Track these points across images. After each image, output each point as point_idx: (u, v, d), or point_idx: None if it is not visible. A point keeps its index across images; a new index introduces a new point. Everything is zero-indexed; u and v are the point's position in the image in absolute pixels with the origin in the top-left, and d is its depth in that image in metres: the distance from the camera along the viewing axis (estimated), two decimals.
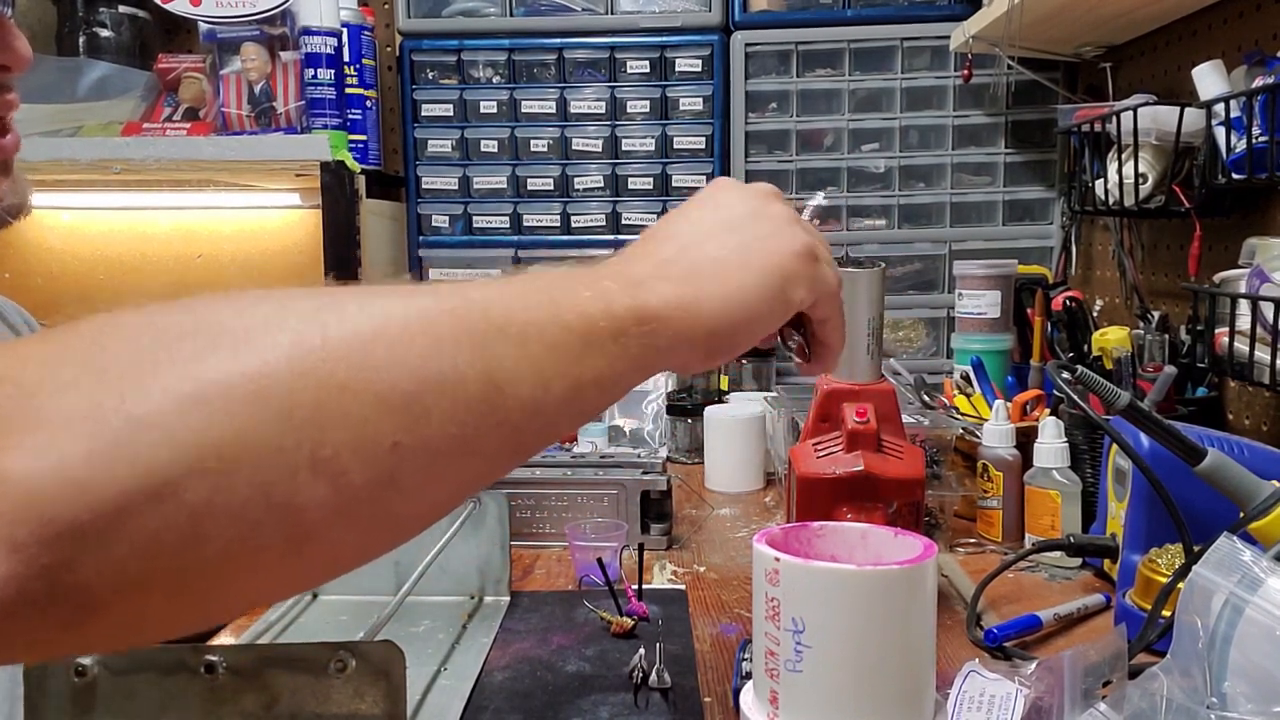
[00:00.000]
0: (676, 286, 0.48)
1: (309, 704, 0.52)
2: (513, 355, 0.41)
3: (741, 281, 0.51)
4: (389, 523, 0.39)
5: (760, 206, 0.55)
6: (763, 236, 0.53)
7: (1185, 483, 0.74)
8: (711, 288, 0.50)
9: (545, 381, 0.42)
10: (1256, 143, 0.98)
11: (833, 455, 0.84)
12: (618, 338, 0.45)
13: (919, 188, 1.78)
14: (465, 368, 0.39)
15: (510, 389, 0.40)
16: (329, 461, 0.35)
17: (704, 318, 0.49)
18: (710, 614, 0.91)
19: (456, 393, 0.39)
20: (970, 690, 0.60)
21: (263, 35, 1.69)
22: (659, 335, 0.47)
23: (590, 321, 0.44)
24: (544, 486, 1.12)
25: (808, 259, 0.53)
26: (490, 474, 0.42)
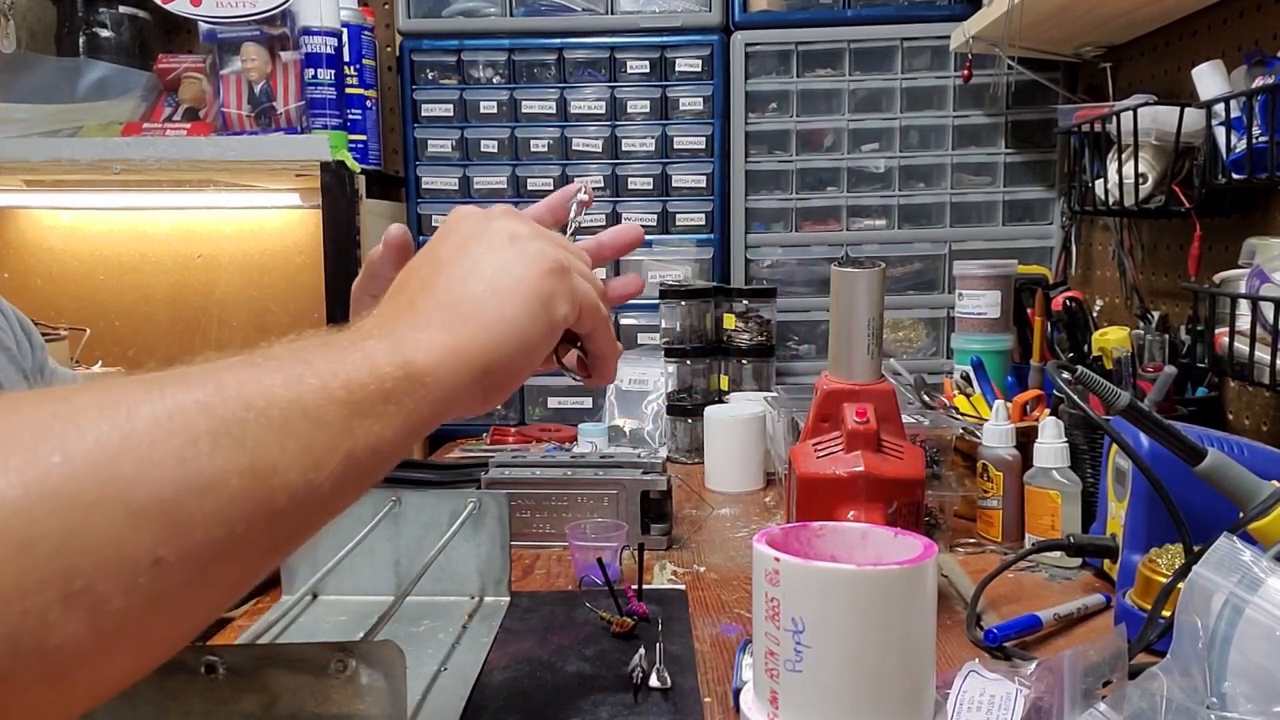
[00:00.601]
0: (439, 334, 0.47)
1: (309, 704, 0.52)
2: (276, 441, 0.38)
3: (501, 314, 0.50)
4: (156, 644, 0.35)
5: (500, 229, 0.54)
6: (509, 261, 0.52)
7: (1185, 483, 0.74)
8: (473, 328, 0.49)
9: (316, 461, 0.39)
10: (1256, 143, 0.98)
11: (833, 455, 0.84)
12: (389, 399, 0.43)
13: (919, 188, 1.78)
14: (226, 464, 0.36)
15: (279, 478, 0.38)
16: (83, 593, 0.31)
17: (473, 359, 0.48)
18: (710, 614, 0.91)
19: (220, 493, 0.35)
20: (970, 690, 0.60)
21: (263, 35, 1.69)
22: (432, 388, 0.45)
23: (358, 388, 0.42)
24: (544, 486, 1.12)
25: (558, 274, 0.53)
26: (264, 568, 0.39)
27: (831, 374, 0.87)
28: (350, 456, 0.41)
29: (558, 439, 1.64)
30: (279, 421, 0.38)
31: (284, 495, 0.38)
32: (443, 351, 0.47)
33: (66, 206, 1.97)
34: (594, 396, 1.78)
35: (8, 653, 0.30)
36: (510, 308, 0.50)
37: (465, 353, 0.48)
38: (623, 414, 1.66)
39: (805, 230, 1.80)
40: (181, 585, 0.34)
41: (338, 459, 0.40)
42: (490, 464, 1.18)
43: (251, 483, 0.37)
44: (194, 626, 0.37)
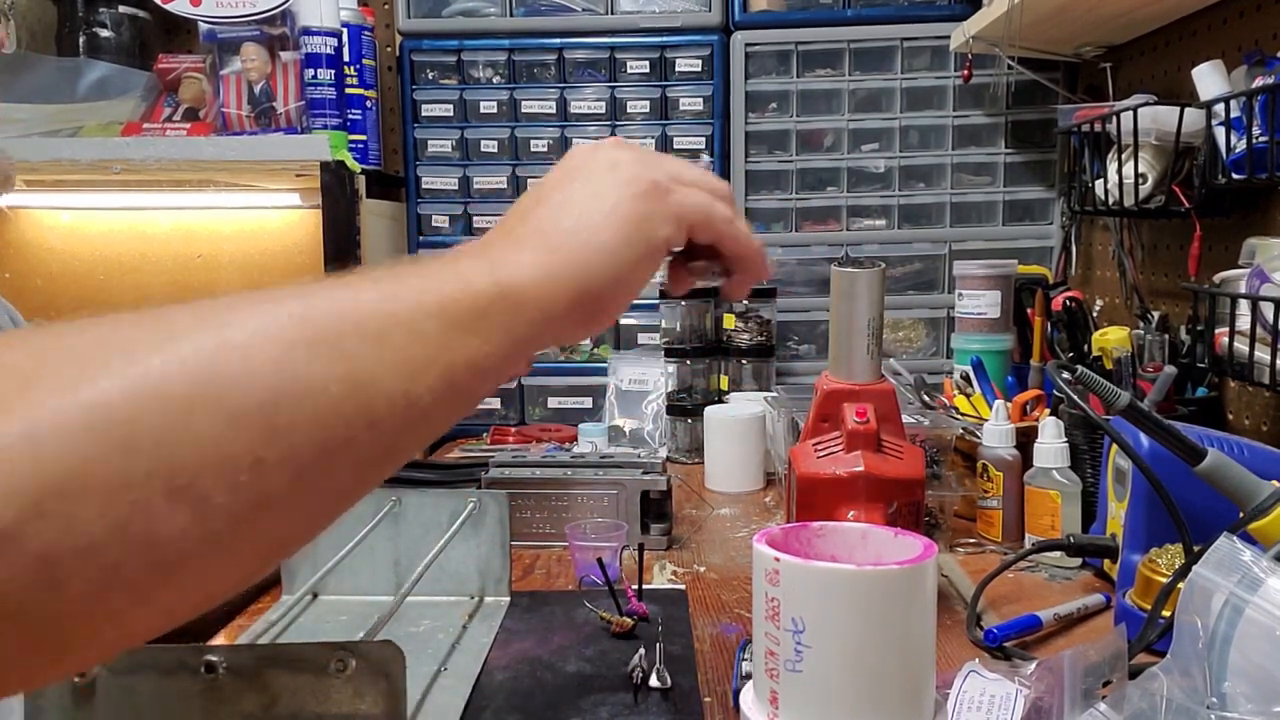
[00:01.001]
0: (534, 255, 0.48)
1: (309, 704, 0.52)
2: (373, 351, 0.39)
3: (594, 240, 0.49)
4: (264, 543, 0.37)
5: (602, 159, 0.53)
6: (604, 188, 0.52)
7: (1185, 483, 0.74)
8: (565, 253, 0.48)
9: (413, 372, 0.40)
10: (1256, 143, 0.98)
11: (833, 455, 0.84)
12: (484, 315, 0.43)
13: (919, 188, 1.78)
14: (323, 371, 0.37)
15: (376, 387, 0.38)
16: (186, 488, 0.33)
17: (567, 281, 0.48)
18: (710, 614, 0.91)
19: (318, 399, 0.36)
20: (970, 690, 0.60)
21: (263, 35, 1.69)
22: (525, 307, 0.45)
23: (452, 303, 0.42)
24: (544, 486, 1.12)
25: (653, 195, 0.52)
26: (366, 480, 0.40)
27: (831, 374, 0.87)
28: (448, 371, 0.41)
29: (558, 439, 1.64)
30: (375, 333, 0.39)
31: (383, 404, 0.38)
32: (535, 270, 0.47)
33: (66, 206, 1.97)
34: (594, 397, 1.78)
35: (119, 540, 0.32)
36: (603, 235, 0.50)
37: (559, 274, 0.48)
38: (623, 414, 1.66)
39: (805, 230, 1.80)
40: (283, 488, 0.35)
41: (436, 372, 0.41)
42: (490, 464, 1.18)
43: (349, 389, 0.37)
44: (299, 533, 0.38)
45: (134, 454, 0.32)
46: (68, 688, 0.50)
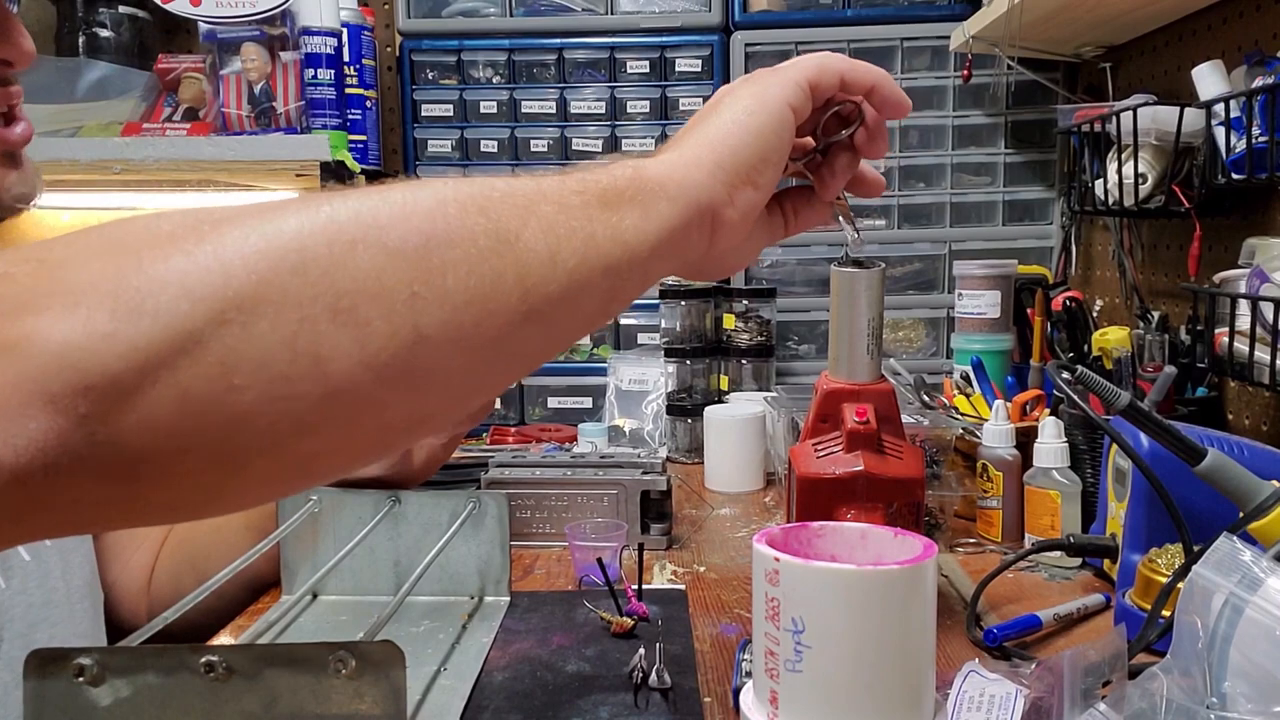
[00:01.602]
0: (672, 151, 0.52)
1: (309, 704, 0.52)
2: (519, 215, 0.42)
3: (724, 121, 0.54)
4: (421, 380, 0.39)
5: (750, 80, 0.58)
6: (741, 97, 0.56)
7: (1185, 483, 0.74)
8: (696, 139, 0.53)
9: (560, 236, 0.43)
10: (1256, 143, 0.98)
11: (833, 455, 0.84)
12: (623, 196, 0.47)
13: (919, 188, 1.78)
14: (473, 225, 0.40)
15: (523, 244, 0.42)
16: (348, 312, 0.37)
17: (700, 157, 0.52)
18: (710, 614, 0.91)
19: (467, 247, 0.40)
20: (970, 690, 0.60)
21: (263, 35, 1.69)
22: (666, 186, 0.49)
23: (592, 184, 0.46)
24: (544, 486, 1.12)
25: (763, 75, 0.57)
26: (513, 345, 0.42)
27: (831, 374, 0.87)
28: (591, 239, 0.44)
29: (558, 439, 1.64)
30: (522, 202, 0.43)
31: (530, 261, 0.42)
32: (671, 159, 0.51)
33: (66, 206, 1.97)
34: (594, 397, 1.78)
35: (286, 352, 0.36)
36: (726, 116, 0.54)
37: (691, 155, 0.52)
38: (623, 414, 1.66)
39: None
40: (437, 324, 0.39)
41: (580, 239, 0.44)
42: (490, 464, 1.18)
43: (497, 244, 0.41)
44: (452, 379, 0.41)
45: (303, 277, 0.36)
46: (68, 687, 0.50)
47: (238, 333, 0.35)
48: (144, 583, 1.00)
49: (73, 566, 0.88)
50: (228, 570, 0.74)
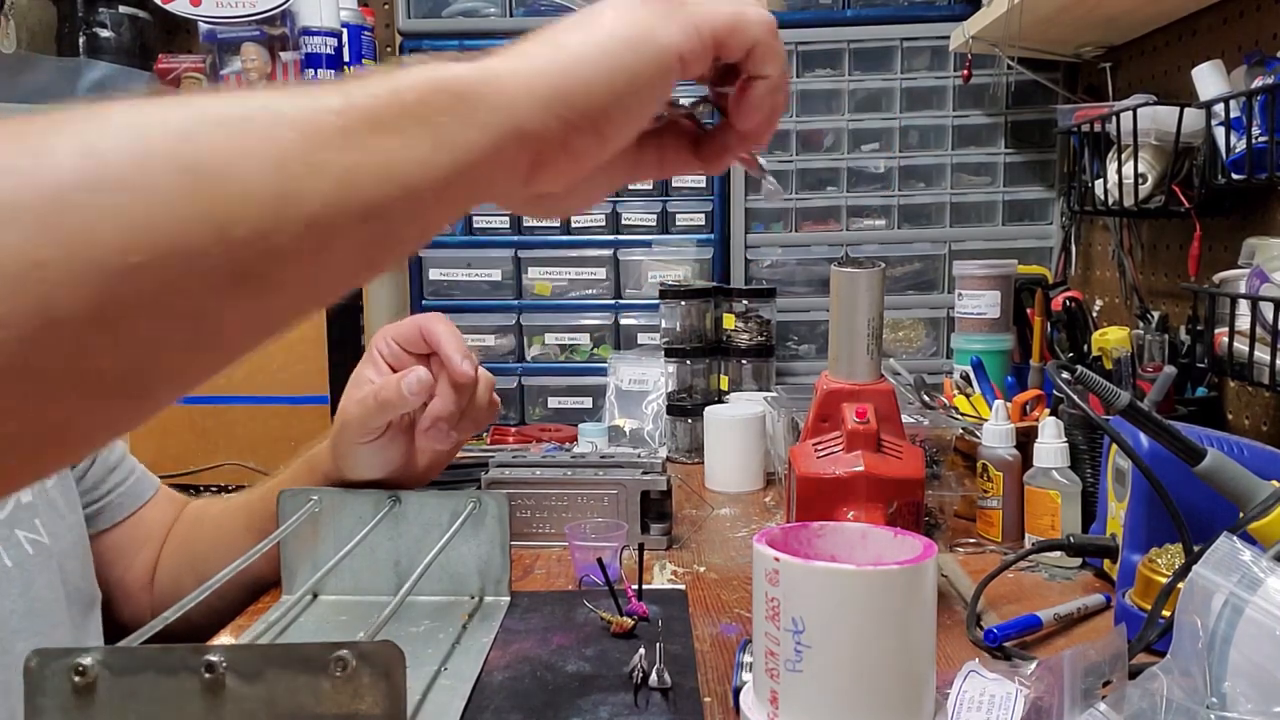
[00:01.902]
0: (508, 59, 0.42)
1: (309, 704, 0.52)
2: (236, 141, 0.34)
3: (588, 39, 0.44)
4: (46, 380, 0.32)
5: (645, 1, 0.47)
6: (607, 8, 0.46)
7: (1185, 483, 0.74)
8: (548, 54, 0.43)
9: (290, 175, 0.35)
10: (1256, 143, 0.98)
11: (833, 455, 0.84)
12: (406, 113, 0.37)
13: (919, 188, 1.78)
14: (159, 156, 0.33)
15: (231, 179, 0.34)
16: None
17: (537, 77, 0.42)
18: (710, 614, 0.91)
19: (140, 189, 0.32)
20: (970, 690, 0.60)
21: (263, 35, 1.69)
22: (476, 105, 0.39)
23: (367, 101, 0.37)
24: (544, 486, 1.12)
25: (672, 7, 0.47)
26: (218, 319, 0.35)
27: (831, 374, 0.87)
28: (347, 175, 0.36)
29: (558, 439, 1.64)
30: (247, 127, 0.35)
31: (242, 204, 0.34)
32: (499, 67, 0.41)
33: None
34: (594, 397, 1.77)
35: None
36: (595, 35, 0.44)
37: (528, 72, 0.42)
38: (623, 414, 1.66)
39: (805, 230, 1.80)
40: (76, 301, 0.31)
41: (330, 174, 0.35)
42: (490, 464, 1.18)
43: (189, 180, 0.33)
44: (127, 375, 0.33)
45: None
46: (67, 687, 0.50)
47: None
48: (146, 582, 0.99)
49: (68, 572, 0.87)
50: (228, 570, 0.74)
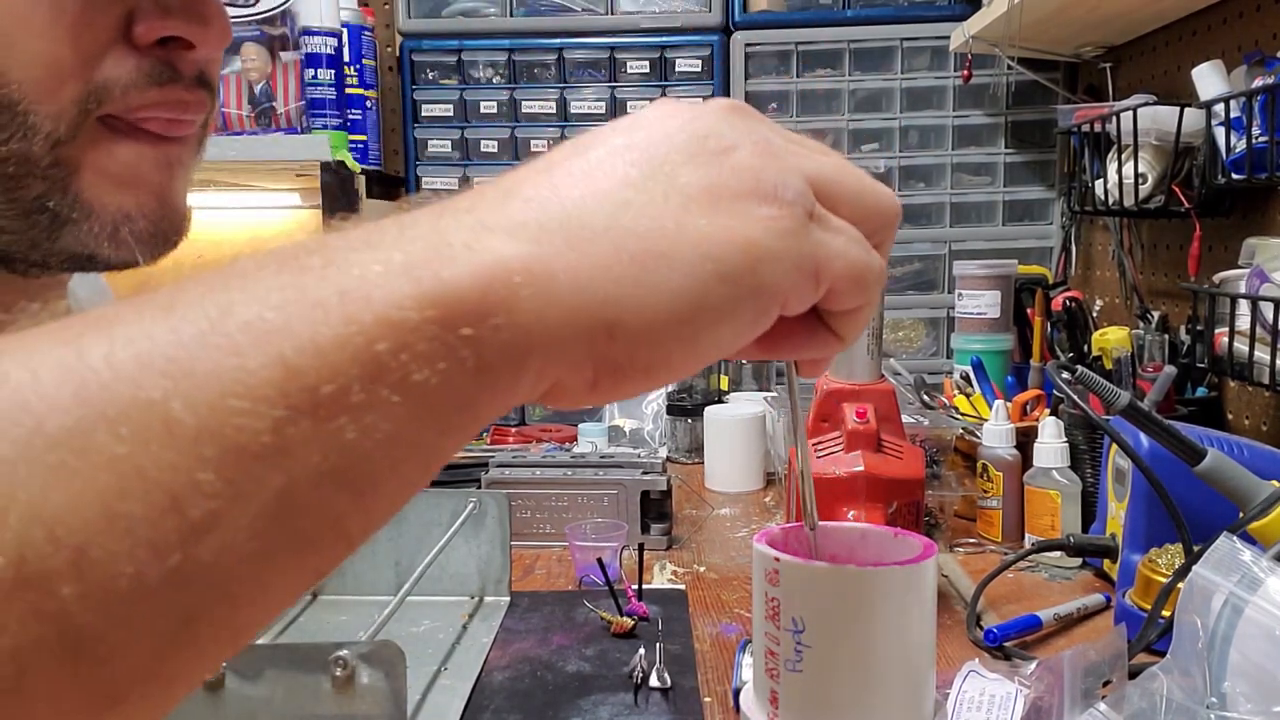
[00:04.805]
0: (528, 244, 0.28)
1: (309, 704, 0.52)
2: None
3: (661, 245, 0.30)
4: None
5: (716, 129, 0.32)
6: (713, 188, 0.31)
7: (1185, 483, 0.74)
8: (599, 253, 0.29)
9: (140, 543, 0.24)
10: (1256, 143, 0.98)
11: (833, 455, 0.84)
12: (381, 377, 0.26)
13: (919, 188, 1.78)
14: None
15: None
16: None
17: (585, 298, 0.28)
18: (710, 614, 0.91)
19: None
20: (970, 690, 0.60)
21: (263, 35, 1.69)
22: (482, 342, 0.27)
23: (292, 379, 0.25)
24: (544, 486, 1.12)
25: (788, 218, 0.31)
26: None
27: (831, 374, 0.87)
28: (279, 500, 0.25)
29: (558, 439, 1.64)
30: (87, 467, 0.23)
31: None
32: (530, 260, 0.28)
33: None
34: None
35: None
36: (678, 247, 0.30)
37: (573, 284, 0.28)
38: (623, 414, 1.66)
39: None
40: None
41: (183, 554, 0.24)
42: (490, 464, 1.18)
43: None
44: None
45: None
46: None
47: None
48: None
49: None
50: None
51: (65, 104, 0.44)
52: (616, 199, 0.30)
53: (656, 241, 0.30)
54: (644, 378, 0.31)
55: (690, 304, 0.30)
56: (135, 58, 0.46)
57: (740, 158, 0.32)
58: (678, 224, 0.30)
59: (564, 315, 0.28)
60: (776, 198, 0.31)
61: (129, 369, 0.24)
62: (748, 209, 0.31)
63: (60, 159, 0.45)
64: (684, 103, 0.34)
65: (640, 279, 0.29)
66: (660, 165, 0.31)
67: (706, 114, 0.33)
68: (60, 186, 0.46)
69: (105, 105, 0.45)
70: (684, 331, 0.30)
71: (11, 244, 0.47)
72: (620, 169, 0.31)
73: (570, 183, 0.31)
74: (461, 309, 0.27)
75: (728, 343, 0.31)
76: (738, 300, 0.31)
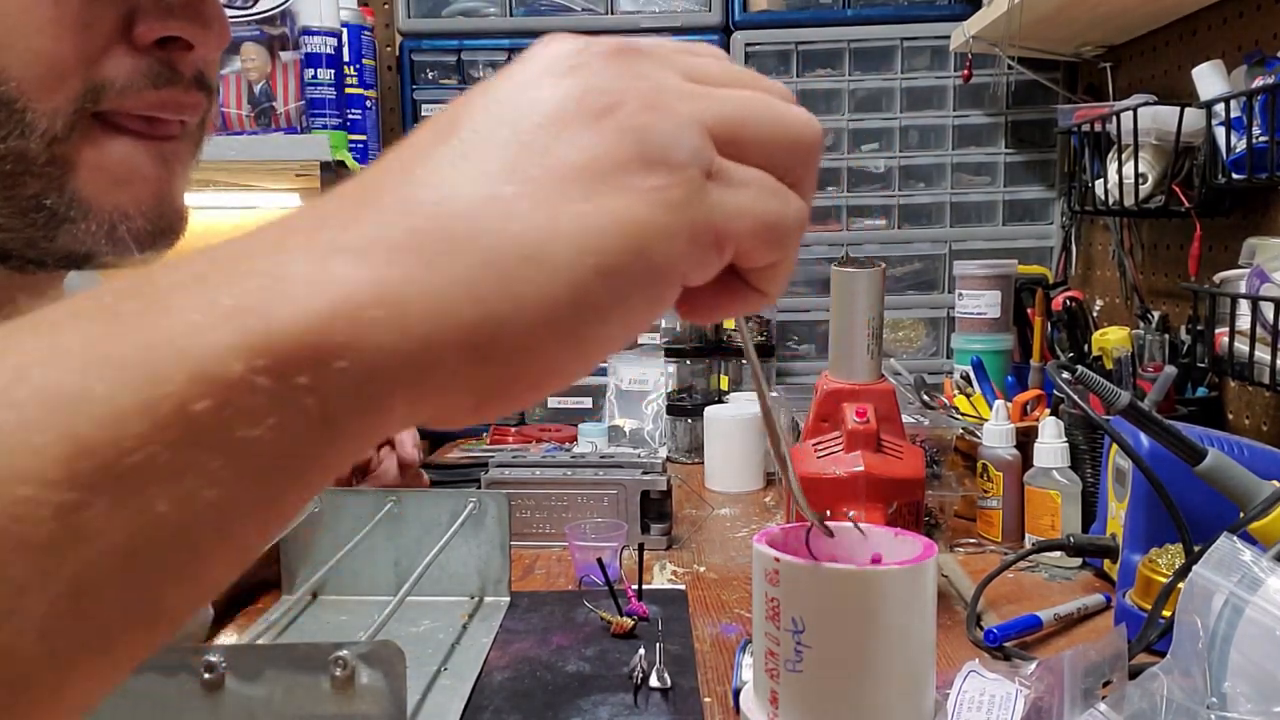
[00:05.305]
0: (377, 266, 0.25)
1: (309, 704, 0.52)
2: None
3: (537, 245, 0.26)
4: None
5: (595, 83, 0.29)
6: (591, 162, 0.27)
7: (1185, 483, 0.74)
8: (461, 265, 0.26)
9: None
10: (1256, 143, 0.98)
11: (833, 455, 0.84)
12: (199, 440, 0.23)
13: (919, 188, 1.78)
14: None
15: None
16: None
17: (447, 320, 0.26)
18: (710, 614, 0.91)
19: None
20: (970, 690, 0.60)
21: (263, 35, 1.69)
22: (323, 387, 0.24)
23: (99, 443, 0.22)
24: (544, 486, 1.12)
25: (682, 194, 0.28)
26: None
27: (831, 374, 0.87)
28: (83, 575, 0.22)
29: (558, 439, 1.64)
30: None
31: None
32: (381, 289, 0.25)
33: None
34: (594, 397, 1.77)
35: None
36: (551, 255, 0.26)
37: (430, 310, 0.25)
38: (623, 414, 1.66)
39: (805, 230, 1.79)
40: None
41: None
42: (490, 464, 1.18)
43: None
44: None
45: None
46: None
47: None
48: None
49: None
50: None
51: (63, 102, 0.44)
52: (481, 194, 0.27)
53: (527, 242, 0.26)
54: (532, 391, 0.28)
55: (570, 308, 0.27)
56: (134, 58, 0.46)
57: (623, 117, 0.28)
58: (550, 216, 0.27)
59: (422, 346, 0.25)
60: (665, 161, 0.28)
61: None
62: (632, 181, 0.27)
63: (56, 157, 0.45)
64: (563, 48, 0.31)
65: (509, 291, 0.26)
66: (531, 143, 0.28)
67: (585, 65, 0.30)
68: (57, 184, 0.46)
69: (102, 103, 0.45)
70: (565, 339, 0.27)
71: (9, 241, 0.47)
72: (487, 155, 0.28)
73: (432, 180, 0.27)
74: (297, 356, 0.24)
75: (621, 336, 0.29)
76: (625, 292, 0.27)
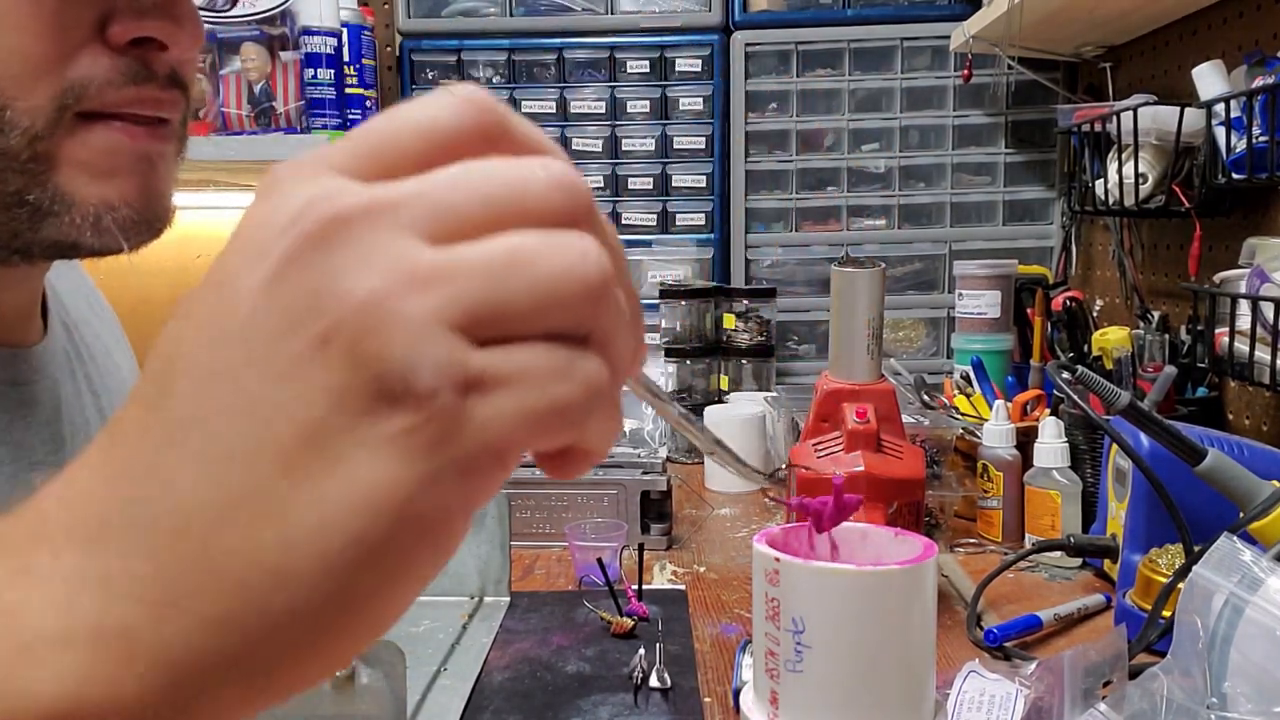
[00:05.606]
0: (86, 665, 0.22)
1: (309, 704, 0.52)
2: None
3: (279, 583, 0.22)
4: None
5: (313, 281, 0.23)
6: (318, 425, 0.22)
7: (1185, 483, 0.74)
8: (191, 623, 0.22)
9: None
10: (1256, 143, 0.98)
11: (833, 455, 0.84)
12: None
13: (919, 188, 1.78)
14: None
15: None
16: None
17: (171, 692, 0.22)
18: (710, 614, 0.91)
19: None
20: (970, 690, 0.60)
21: (263, 35, 1.69)
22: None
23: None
24: (544, 486, 1.12)
25: (434, 434, 0.23)
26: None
27: (831, 374, 0.87)
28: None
29: None
30: None
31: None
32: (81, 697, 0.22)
33: None
34: None
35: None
36: (294, 565, 0.22)
37: (161, 684, 0.22)
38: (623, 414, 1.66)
39: (805, 230, 1.80)
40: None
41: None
42: None
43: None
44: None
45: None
46: None
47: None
48: None
49: None
50: None
51: (42, 100, 0.45)
52: (203, 499, 0.22)
53: (263, 558, 0.22)
54: (335, 661, 0.25)
55: (336, 612, 0.23)
56: (110, 57, 0.46)
57: (346, 339, 0.22)
58: (283, 513, 0.22)
59: (178, 697, 0.22)
60: (408, 392, 0.22)
61: None
62: (372, 432, 0.22)
63: (38, 154, 0.45)
64: (273, 221, 0.24)
65: (256, 624, 0.22)
66: (254, 408, 0.22)
67: (294, 258, 0.23)
68: (39, 181, 0.46)
69: (82, 102, 0.46)
70: (339, 643, 0.24)
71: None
72: (209, 432, 0.23)
73: (149, 482, 0.23)
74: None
75: (413, 595, 0.25)
76: (399, 560, 0.23)
